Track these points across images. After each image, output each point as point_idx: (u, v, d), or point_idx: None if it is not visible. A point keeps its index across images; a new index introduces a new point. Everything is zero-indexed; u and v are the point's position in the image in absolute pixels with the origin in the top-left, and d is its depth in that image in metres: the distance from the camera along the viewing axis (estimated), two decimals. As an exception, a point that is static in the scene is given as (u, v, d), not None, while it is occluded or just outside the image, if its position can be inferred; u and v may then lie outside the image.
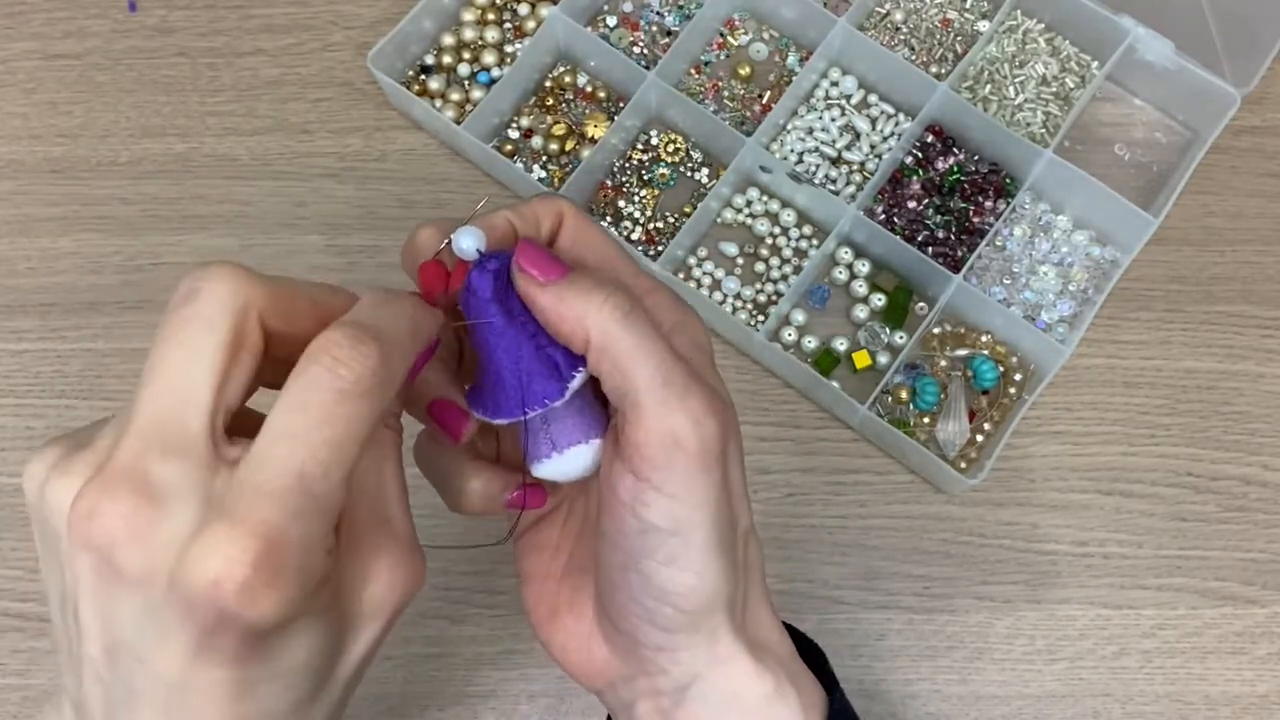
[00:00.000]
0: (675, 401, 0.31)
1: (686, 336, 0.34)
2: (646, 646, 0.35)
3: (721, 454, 0.32)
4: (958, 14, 0.66)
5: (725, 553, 0.33)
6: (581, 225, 0.35)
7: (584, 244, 0.35)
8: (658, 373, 0.31)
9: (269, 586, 0.26)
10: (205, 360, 0.29)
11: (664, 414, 0.31)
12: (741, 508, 0.34)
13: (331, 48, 0.67)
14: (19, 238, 0.63)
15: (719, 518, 0.32)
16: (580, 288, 0.32)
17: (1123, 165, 0.65)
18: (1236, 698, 0.57)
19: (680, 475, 0.31)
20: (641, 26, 0.67)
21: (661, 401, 0.31)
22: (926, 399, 0.59)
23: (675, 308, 0.35)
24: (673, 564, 0.32)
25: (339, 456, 0.28)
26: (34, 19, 0.67)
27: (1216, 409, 0.61)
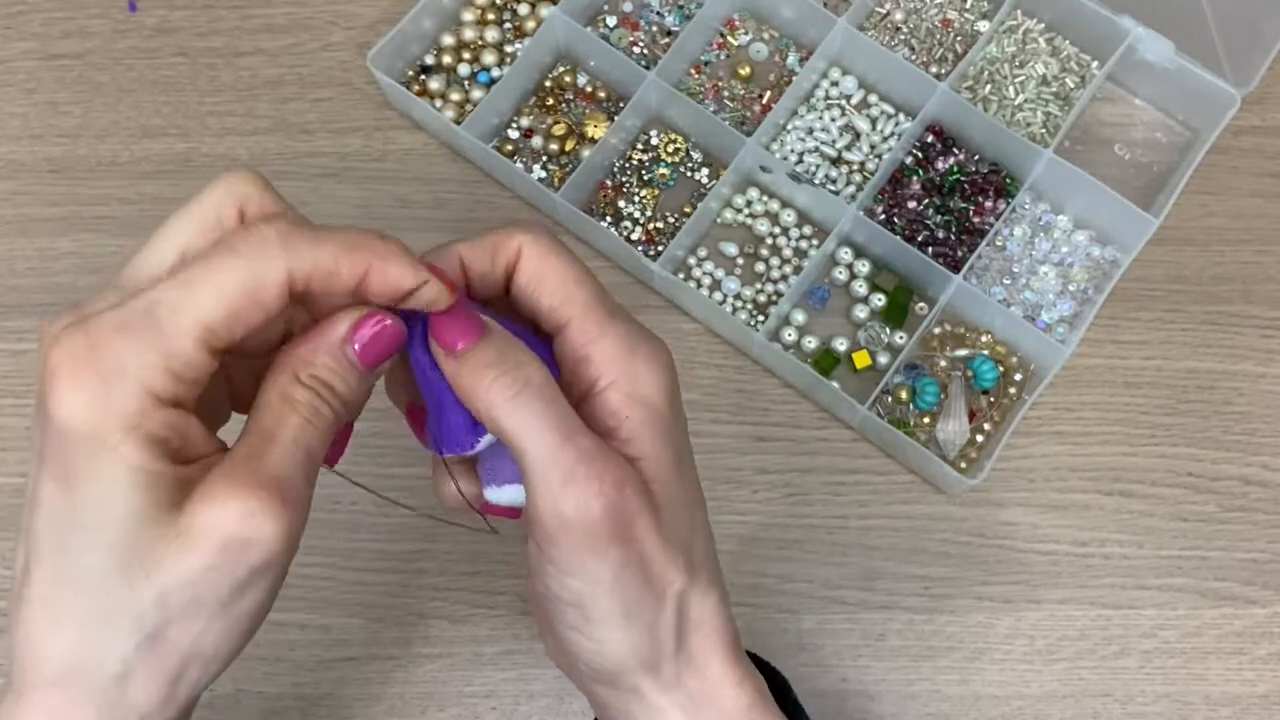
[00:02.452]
0: (559, 484, 0.32)
1: (625, 391, 0.34)
2: (583, 685, 0.37)
3: (613, 535, 0.32)
4: (958, 14, 0.66)
5: (631, 623, 0.34)
6: (540, 256, 0.35)
7: (541, 277, 0.35)
8: (544, 453, 0.32)
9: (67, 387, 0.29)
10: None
11: (549, 495, 0.32)
12: (670, 570, 0.34)
13: (331, 48, 0.67)
14: (19, 238, 0.63)
15: (618, 592, 0.33)
16: (473, 365, 0.32)
17: (1123, 165, 0.65)
18: (1237, 698, 0.57)
19: (572, 554, 0.32)
20: (641, 26, 0.67)
21: (545, 482, 0.32)
22: (926, 399, 0.59)
23: (622, 356, 0.34)
24: (576, 630, 0.34)
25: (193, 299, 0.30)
26: (34, 19, 0.67)
27: (1217, 409, 0.61)
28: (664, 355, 0.35)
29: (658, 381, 0.34)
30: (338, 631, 0.57)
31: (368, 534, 0.59)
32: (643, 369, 0.34)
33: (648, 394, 0.34)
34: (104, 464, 0.30)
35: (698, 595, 0.35)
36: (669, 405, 0.35)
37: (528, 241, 0.35)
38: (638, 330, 0.35)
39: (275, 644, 0.57)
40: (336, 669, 0.57)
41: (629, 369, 0.34)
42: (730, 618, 0.37)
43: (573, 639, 0.35)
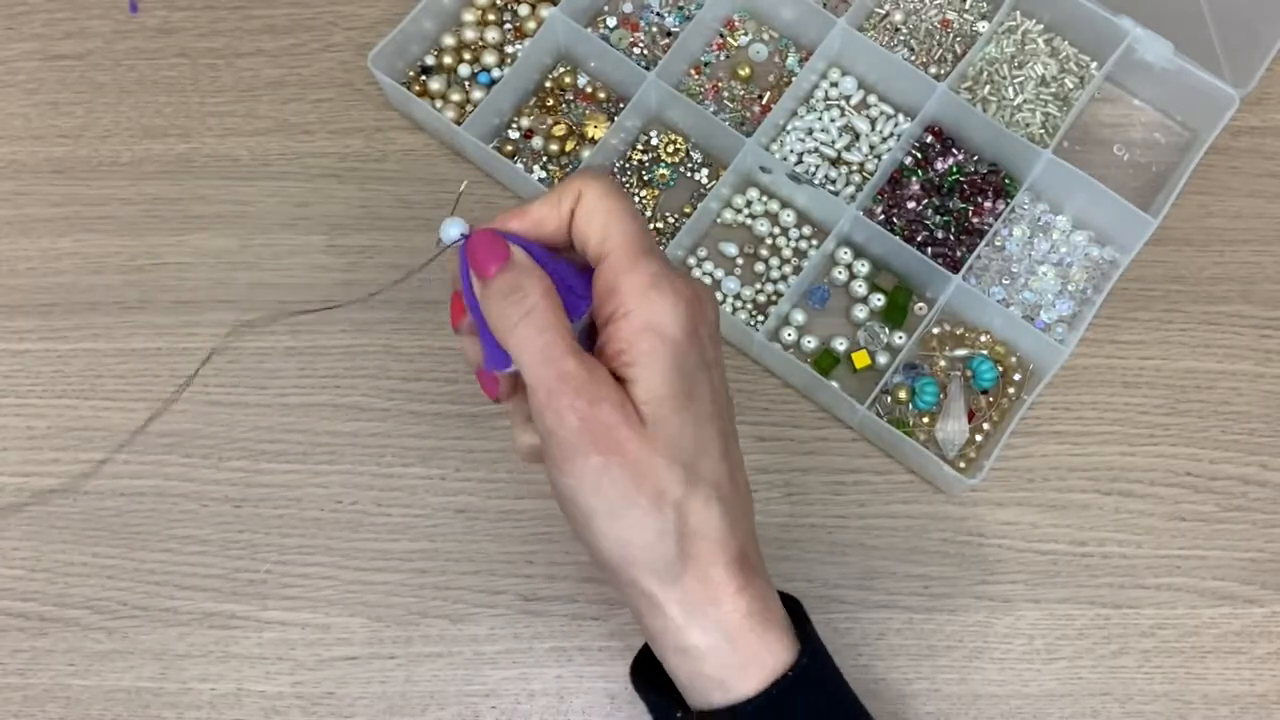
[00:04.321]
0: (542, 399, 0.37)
1: (639, 320, 0.37)
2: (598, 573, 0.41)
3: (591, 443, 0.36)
4: (957, 15, 0.67)
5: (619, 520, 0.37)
6: (596, 196, 0.39)
7: (593, 213, 0.39)
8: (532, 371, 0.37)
9: None
10: None
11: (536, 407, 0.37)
12: (663, 478, 0.37)
13: (332, 48, 0.67)
14: (20, 238, 0.64)
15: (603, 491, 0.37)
16: (492, 291, 0.38)
17: (1122, 166, 0.65)
18: (1235, 697, 0.57)
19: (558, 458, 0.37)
20: (641, 27, 0.67)
21: (534, 396, 0.37)
22: (926, 399, 0.59)
23: (643, 289, 0.38)
24: (575, 523, 0.39)
25: None
26: (35, 20, 0.68)
27: (1215, 409, 0.61)
28: (688, 292, 0.38)
29: (672, 314, 0.38)
30: (338, 631, 0.57)
31: (368, 534, 0.59)
32: (659, 302, 0.37)
33: (660, 323, 0.37)
34: None
35: (698, 504, 0.38)
36: (683, 336, 0.38)
37: (587, 183, 0.39)
38: (667, 270, 0.38)
39: (275, 643, 0.57)
40: (337, 668, 0.57)
41: (646, 300, 0.37)
42: (743, 533, 0.40)
43: (577, 533, 0.39)
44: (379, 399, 0.61)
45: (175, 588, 0.58)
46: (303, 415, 0.60)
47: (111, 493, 0.59)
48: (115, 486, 0.60)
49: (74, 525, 0.59)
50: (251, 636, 0.57)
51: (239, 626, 0.57)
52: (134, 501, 0.59)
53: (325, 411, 0.61)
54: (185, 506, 0.59)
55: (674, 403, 0.38)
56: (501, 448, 0.60)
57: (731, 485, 0.39)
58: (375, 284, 0.63)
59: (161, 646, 0.57)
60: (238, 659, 0.57)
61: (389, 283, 0.59)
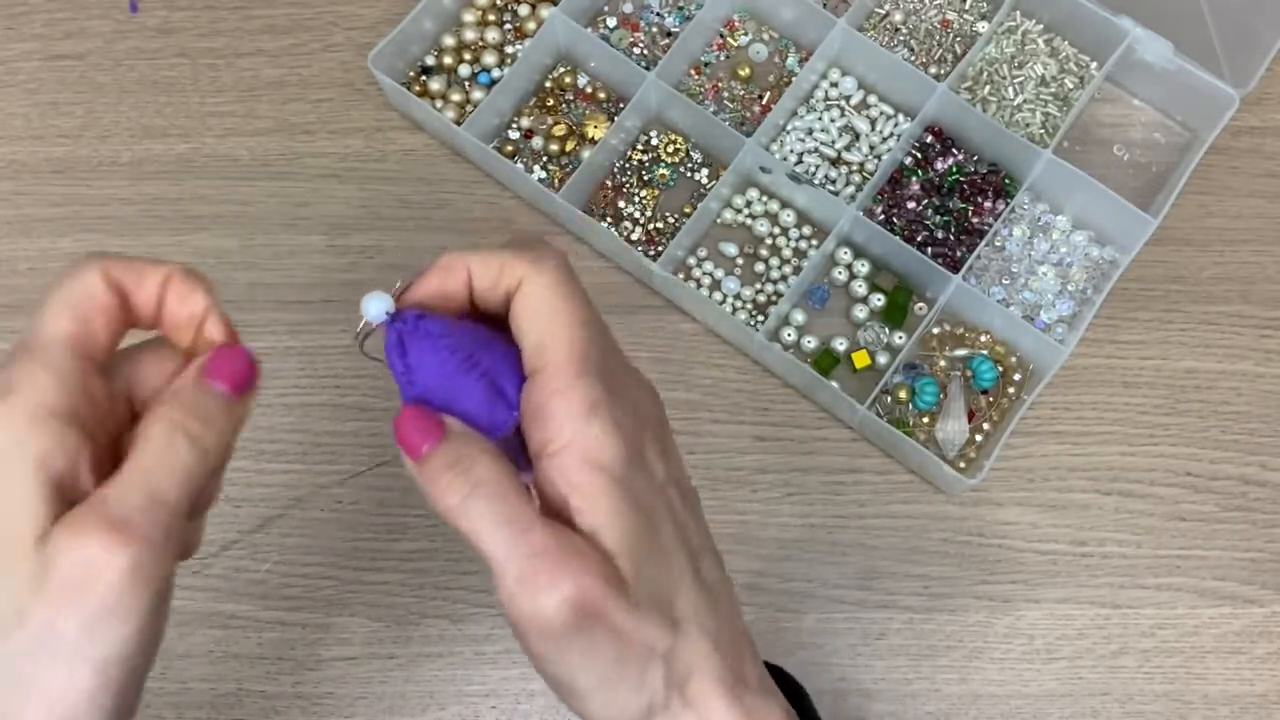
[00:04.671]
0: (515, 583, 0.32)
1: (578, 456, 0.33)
2: None
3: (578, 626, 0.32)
4: (957, 15, 0.67)
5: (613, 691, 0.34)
6: (538, 291, 0.34)
7: (533, 313, 0.34)
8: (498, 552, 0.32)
9: None
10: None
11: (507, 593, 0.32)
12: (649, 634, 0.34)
13: (332, 48, 0.67)
14: (20, 238, 0.64)
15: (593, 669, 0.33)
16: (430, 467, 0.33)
17: (1122, 166, 0.65)
18: (1235, 697, 0.57)
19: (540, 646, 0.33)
20: (641, 27, 0.67)
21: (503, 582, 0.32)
22: (926, 399, 0.59)
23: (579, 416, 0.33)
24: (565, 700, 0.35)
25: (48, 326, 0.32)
26: (35, 20, 0.68)
27: (1215, 409, 0.61)
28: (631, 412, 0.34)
29: (614, 448, 0.33)
30: (338, 631, 0.57)
31: (368, 534, 0.59)
32: (600, 435, 0.33)
33: (604, 460, 0.33)
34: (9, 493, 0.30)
35: (686, 646, 0.35)
36: (631, 469, 0.33)
37: (530, 275, 0.34)
38: (607, 390, 0.33)
39: (276, 644, 0.57)
40: (337, 668, 0.57)
41: (585, 433, 0.33)
42: (733, 649, 0.36)
43: (567, 705, 0.35)
44: (379, 399, 0.61)
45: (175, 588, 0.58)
46: (303, 415, 0.60)
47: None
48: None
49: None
50: (251, 636, 0.57)
51: (239, 626, 0.57)
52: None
53: (325, 411, 0.61)
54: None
55: (642, 548, 0.33)
56: (501, 448, 0.60)
57: (711, 609, 0.36)
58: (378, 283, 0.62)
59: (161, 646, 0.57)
60: (238, 659, 0.57)
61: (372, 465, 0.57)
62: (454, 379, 0.34)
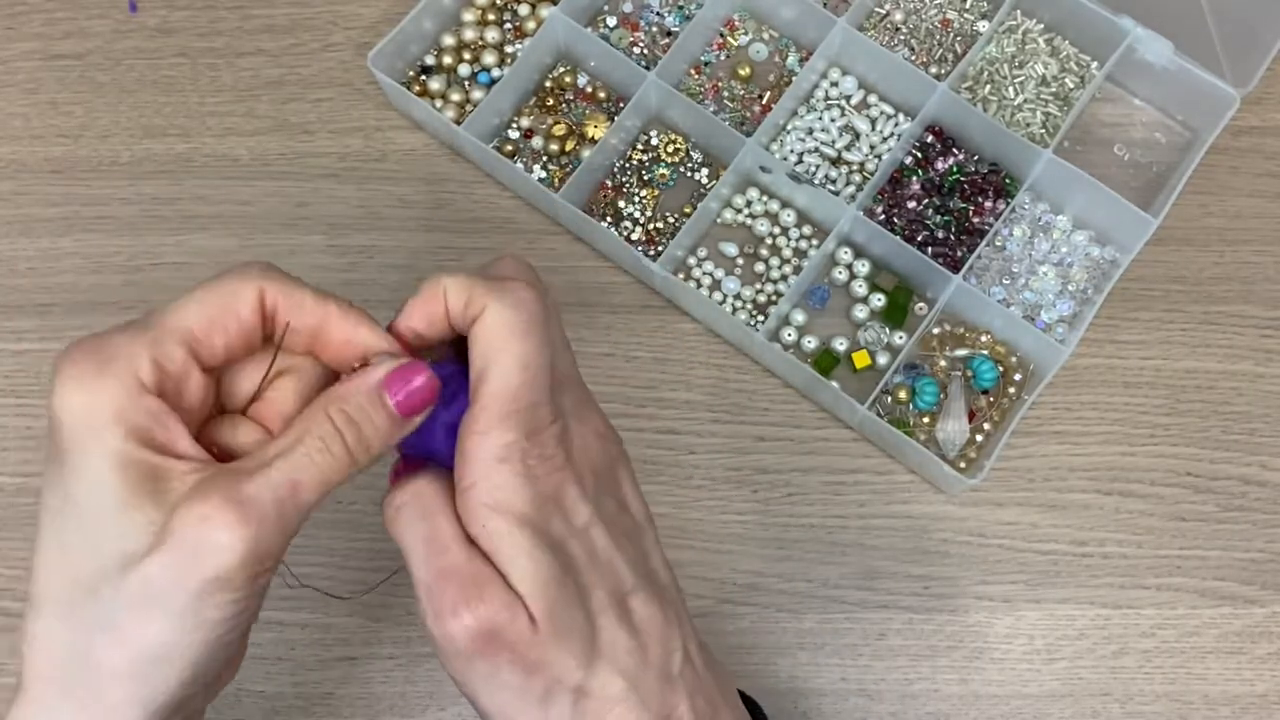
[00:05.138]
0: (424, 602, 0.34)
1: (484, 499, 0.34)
2: None
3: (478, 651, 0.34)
4: (957, 14, 0.67)
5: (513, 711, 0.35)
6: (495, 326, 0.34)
7: (486, 345, 0.34)
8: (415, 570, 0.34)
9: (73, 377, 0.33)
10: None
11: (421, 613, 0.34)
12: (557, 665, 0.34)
13: (332, 48, 0.67)
14: (20, 238, 0.64)
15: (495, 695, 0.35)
16: None
17: (1122, 165, 0.65)
18: (1235, 697, 0.57)
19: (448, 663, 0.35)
20: (641, 27, 0.67)
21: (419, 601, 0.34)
22: (926, 399, 0.59)
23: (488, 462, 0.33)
24: None
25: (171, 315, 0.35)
26: (35, 19, 0.68)
27: (1216, 409, 0.61)
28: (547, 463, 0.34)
29: (519, 493, 0.33)
30: (338, 631, 0.57)
31: (368, 534, 0.59)
32: (505, 480, 0.33)
33: (506, 503, 0.33)
34: (92, 452, 0.31)
35: (599, 682, 0.35)
36: (537, 514, 0.34)
37: (491, 306, 0.34)
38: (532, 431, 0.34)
39: (276, 644, 0.57)
40: (337, 668, 0.57)
41: (490, 475, 0.33)
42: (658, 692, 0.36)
43: None
44: (379, 399, 0.61)
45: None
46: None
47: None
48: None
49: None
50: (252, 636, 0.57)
51: (239, 626, 0.57)
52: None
53: (325, 411, 0.60)
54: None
55: (552, 586, 0.34)
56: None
57: (635, 649, 0.36)
58: (378, 283, 0.63)
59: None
60: (238, 659, 0.57)
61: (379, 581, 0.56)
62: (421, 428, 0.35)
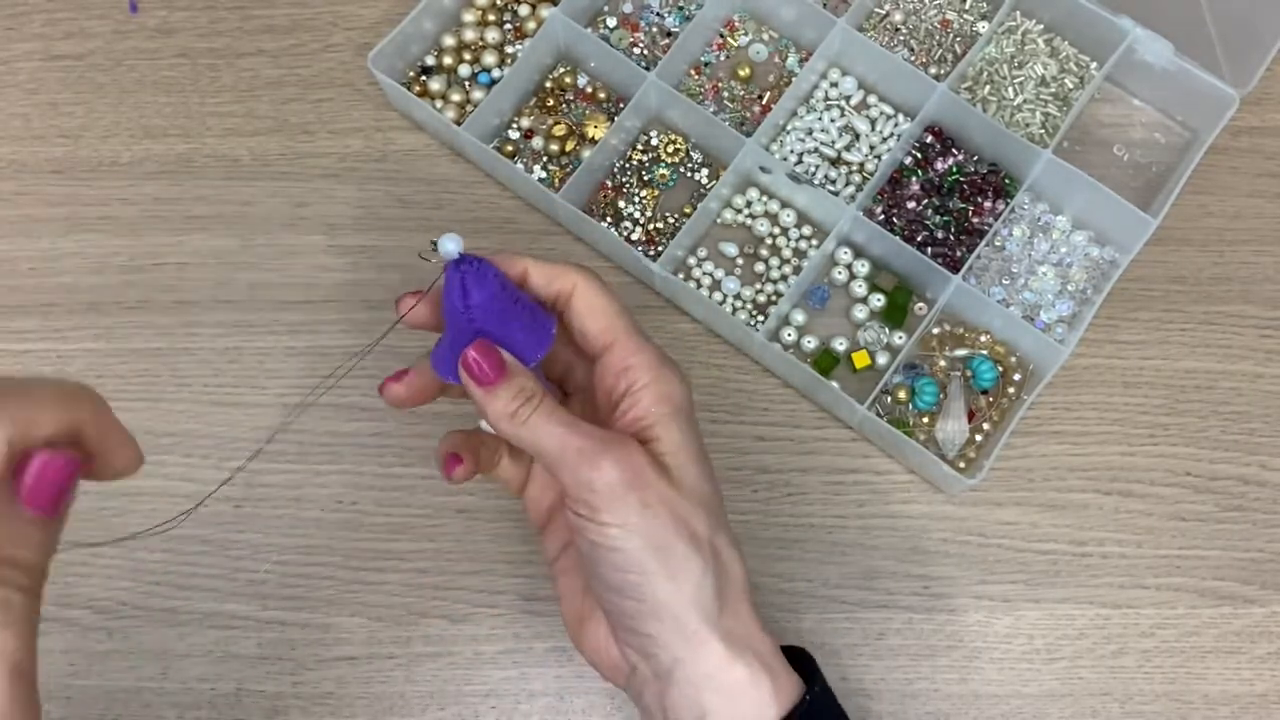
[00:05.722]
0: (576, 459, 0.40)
1: (656, 391, 0.43)
2: (630, 636, 0.42)
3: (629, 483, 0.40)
4: (957, 15, 0.67)
5: (666, 556, 0.40)
6: (593, 293, 0.43)
7: (592, 308, 0.43)
8: (557, 444, 0.40)
9: None
10: None
11: (571, 470, 0.40)
12: (693, 517, 0.41)
13: (332, 48, 0.67)
14: (21, 238, 0.64)
15: (647, 530, 0.40)
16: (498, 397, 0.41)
17: (1122, 166, 0.65)
18: (1235, 697, 0.57)
19: (601, 506, 0.40)
20: (641, 27, 0.67)
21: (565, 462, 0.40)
22: (925, 399, 0.59)
23: (655, 366, 0.43)
24: (621, 571, 0.41)
25: None
26: (35, 20, 0.68)
27: (1215, 409, 0.61)
28: (682, 373, 0.44)
29: (681, 387, 0.44)
30: (338, 631, 0.57)
31: (368, 534, 0.59)
32: (669, 377, 0.44)
33: (673, 394, 0.43)
34: None
35: (722, 544, 0.42)
36: (689, 404, 0.44)
37: (582, 280, 0.43)
38: (664, 353, 0.44)
39: (275, 644, 0.57)
40: (337, 668, 0.57)
41: (660, 376, 0.43)
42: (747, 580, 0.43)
43: (621, 581, 0.41)
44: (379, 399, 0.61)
45: (175, 588, 0.58)
46: (303, 415, 0.61)
47: (112, 492, 0.59)
48: (116, 486, 0.60)
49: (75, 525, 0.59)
50: (251, 636, 0.58)
51: (239, 626, 0.58)
52: (135, 502, 0.59)
53: (325, 411, 0.61)
54: (185, 507, 0.59)
55: (691, 454, 0.43)
56: (501, 448, 0.60)
57: (734, 537, 0.44)
58: (378, 284, 0.63)
59: (161, 646, 0.57)
60: (238, 659, 0.57)
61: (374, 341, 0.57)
62: (507, 312, 0.41)
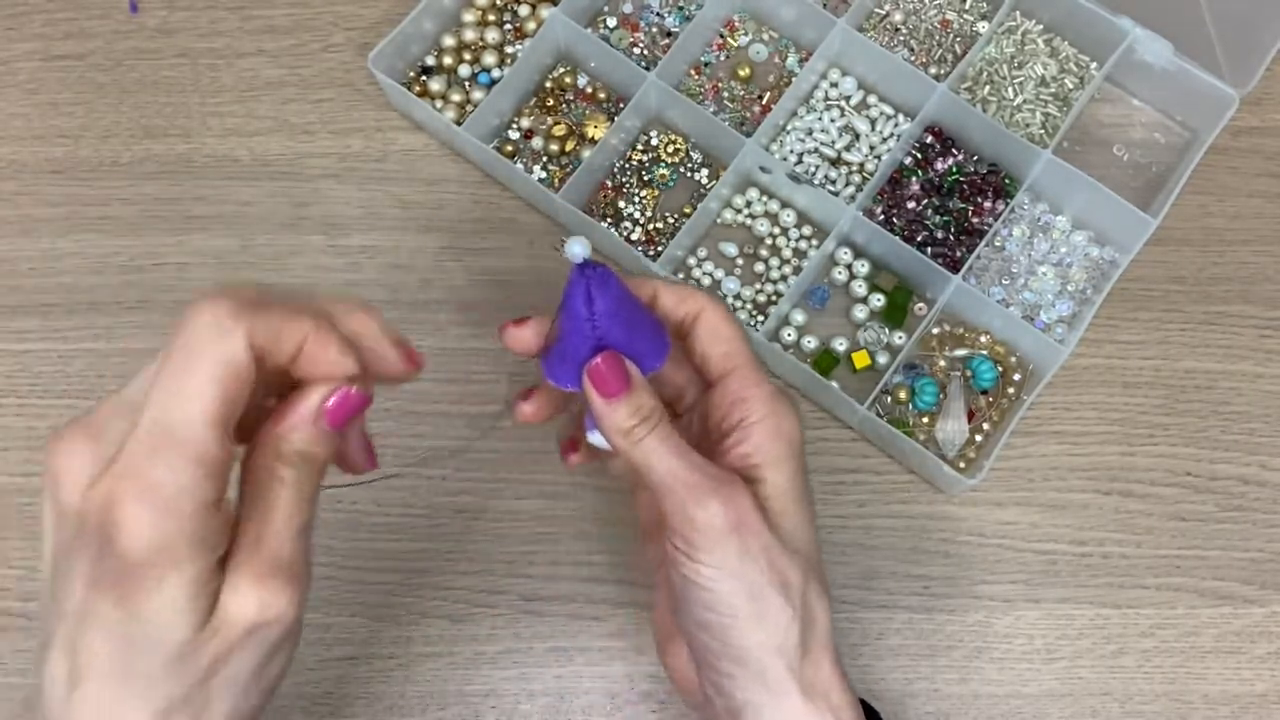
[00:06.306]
0: (684, 492, 0.40)
1: (770, 428, 0.43)
2: (709, 672, 0.42)
3: (731, 527, 0.40)
4: (957, 15, 0.67)
5: (757, 602, 0.40)
6: (719, 319, 0.44)
7: (717, 333, 0.44)
8: (668, 472, 0.40)
9: (135, 520, 0.32)
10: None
11: (677, 502, 0.40)
12: (788, 567, 0.41)
13: (332, 49, 0.67)
14: (21, 238, 0.64)
15: (743, 574, 0.40)
16: (618, 409, 0.41)
17: (1121, 166, 0.65)
18: (1235, 697, 0.57)
19: (702, 544, 0.40)
20: (641, 27, 0.67)
21: (672, 493, 0.40)
22: (925, 399, 0.59)
23: (770, 402, 0.43)
24: (711, 610, 0.41)
25: (189, 406, 0.33)
26: (36, 20, 0.68)
27: (1215, 409, 0.61)
28: (798, 414, 0.44)
29: (794, 428, 0.43)
30: (338, 631, 0.57)
31: (368, 534, 0.59)
32: (785, 414, 0.43)
33: (785, 433, 0.43)
34: (166, 585, 0.33)
35: (813, 596, 0.42)
36: (801, 444, 0.44)
37: (709, 305, 0.44)
38: (781, 390, 0.44)
39: (276, 643, 0.57)
40: (337, 668, 0.57)
41: (775, 411, 0.43)
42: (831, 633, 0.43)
43: (708, 619, 0.41)
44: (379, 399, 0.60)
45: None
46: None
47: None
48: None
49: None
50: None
51: (239, 626, 0.57)
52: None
53: (325, 411, 0.60)
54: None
55: (795, 498, 0.43)
56: (502, 448, 0.60)
57: (828, 585, 0.44)
58: (378, 284, 0.63)
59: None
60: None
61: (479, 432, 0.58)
62: (627, 321, 0.41)
